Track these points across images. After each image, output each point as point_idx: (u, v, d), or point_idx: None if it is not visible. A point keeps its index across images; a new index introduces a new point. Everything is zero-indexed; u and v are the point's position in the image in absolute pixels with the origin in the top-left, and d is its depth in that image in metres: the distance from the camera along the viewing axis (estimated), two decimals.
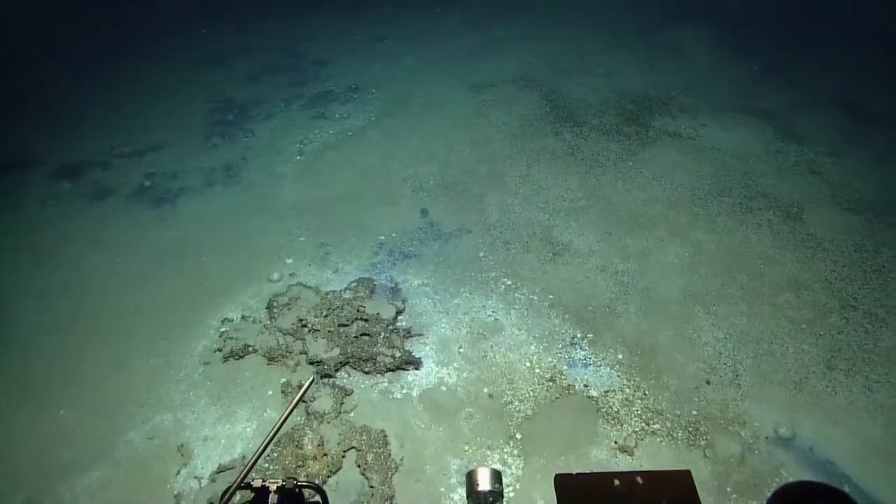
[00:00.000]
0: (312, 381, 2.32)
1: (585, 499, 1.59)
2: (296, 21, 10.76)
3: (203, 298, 4.77)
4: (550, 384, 4.02)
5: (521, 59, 8.65)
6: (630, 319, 4.51)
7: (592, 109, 7.32)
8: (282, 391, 3.97)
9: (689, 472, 1.64)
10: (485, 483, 1.56)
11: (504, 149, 6.57)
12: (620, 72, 8.28)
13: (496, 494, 1.56)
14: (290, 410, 1.64)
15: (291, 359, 4.16)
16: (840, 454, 3.60)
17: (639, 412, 3.84)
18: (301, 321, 4.35)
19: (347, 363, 4.11)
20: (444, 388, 4.01)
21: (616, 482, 1.61)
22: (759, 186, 5.90)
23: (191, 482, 3.49)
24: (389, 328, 4.35)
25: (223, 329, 4.46)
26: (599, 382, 4.04)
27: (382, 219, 5.59)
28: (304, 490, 1.62)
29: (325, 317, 4.36)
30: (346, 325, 4.33)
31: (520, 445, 3.65)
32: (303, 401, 3.68)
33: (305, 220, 5.61)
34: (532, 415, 3.83)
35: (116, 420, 3.87)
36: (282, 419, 1.62)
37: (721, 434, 3.71)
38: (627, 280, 4.86)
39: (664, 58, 8.68)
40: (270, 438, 1.58)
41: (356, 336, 4.24)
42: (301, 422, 3.72)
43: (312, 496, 1.69)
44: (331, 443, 3.59)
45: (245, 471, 1.48)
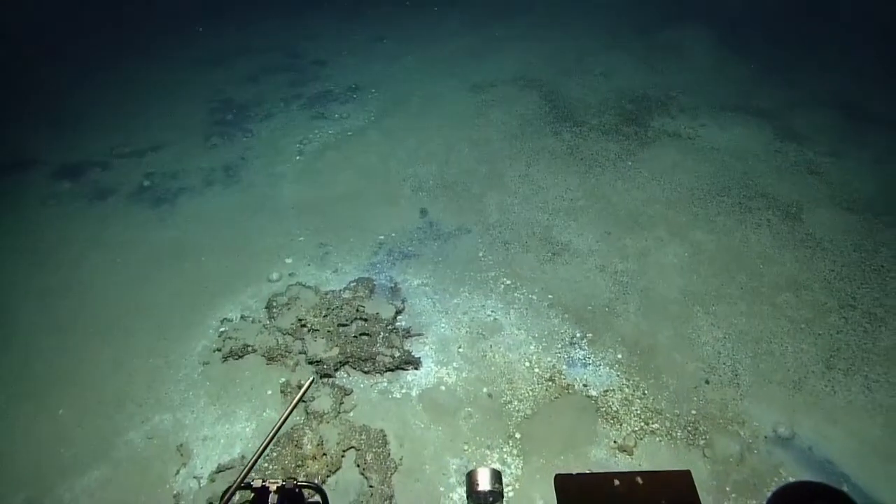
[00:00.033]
0: (312, 381, 2.32)
1: (585, 499, 1.59)
2: (296, 21, 10.76)
3: (202, 298, 4.77)
4: (550, 384, 4.02)
5: (521, 59, 8.65)
6: (629, 319, 4.51)
7: (592, 109, 7.32)
8: (281, 391, 3.98)
9: (689, 473, 1.64)
10: (485, 483, 1.56)
11: (503, 149, 6.58)
12: (620, 72, 8.28)
13: (496, 494, 1.56)
14: (290, 410, 1.65)
15: (291, 358, 4.16)
16: (839, 453, 3.61)
17: (638, 412, 3.85)
18: (300, 321, 4.36)
19: (347, 363, 4.11)
20: (444, 388, 4.02)
21: (616, 482, 1.61)
22: (759, 186, 5.91)
23: (190, 482, 3.49)
24: (389, 328, 4.35)
25: (222, 329, 4.46)
26: (599, 382, 4.04)
27: (382, 219, 5.59)
28: (304, 490, 1.62)
29: (325, 316, 4.37)
30: (346, 325, 4.34)
31: (519, 445, 3.66)
32: (302, 400, 3.68)
33: (305, 220, 5.61)
34: (531, 414, 3.84)
35: (116, 420, 3.87)
36: (282, 419, 1.62)
37: (720, 433, 3.71)
38: (627, 280, 4.86)
39: (663, 58, 8.68)
40: (270, 439, 1.59)
41: (355, 336, 4.25)
42: (300, 421, 3.73)
43: (312, 496, 1.70)
44: (330, 442, 3.60)
45: (245, 471, 1.48)
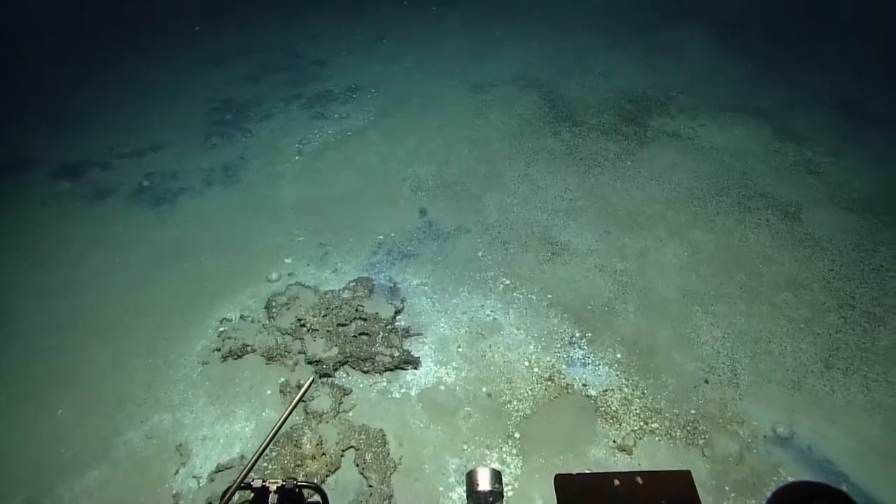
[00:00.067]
0: (312, 382, 2.32)
1: (585, 499, 1.59)
2: (295, 21, 10.76)
3: (202, 298, 4.77)
4: (549, 383, 4.02)
5: (521, 59, 8.65)
6: (628, 319, 4.52)
7: (591, 109, 7.32)
8: (280, 391, 3.98)
9: (689, 473, 1.64)
10: (485, 483, 1.57)
11: (503, 149, 6.58)
12: (619, 72, 8.28)
13: (496, 494, 1.57)
14: (291, 410, 1.65)
15: (290, 358, 4.16)
16: (838, 453, 3.61)
17: (637, 411, 3.85)
18: (300, 321, 4.36)
19: (346, 362, 4.12)
20: (443, 388, 4.02)
21: (616, 482, 1.61)
22: (758, 186, 5.91)
23: (189, 482, 3.49)
24: (388, 328, 4.36)
25: (222, 329, 4.46)
26: (598, 381, 4.05)
27: (381, 218, 5.59)
28: (304, 490, 1.62)
29: (324, 316, 4.37)
30: (345, 325, 4.34)
31: (518, 444, 3.66)
32: (302, 400, 3.68)
33: (304, 220, 5.62)
34: (531, 414, 3.84)
35: (115, 420, 3.87)
36: (282, 419, 1.62)
37: (719, 433, 3.72)
38: (626, 279, 4.86)
39: (663, 58, 8.69)
40: (270, 439, 1.59)
41: (355, 335, 4.25)
42: (300, 421, 3.73)
43: (312, 496, 1.70)
44: (329, 442, 3.60)
45: (245, 471, 1.48)
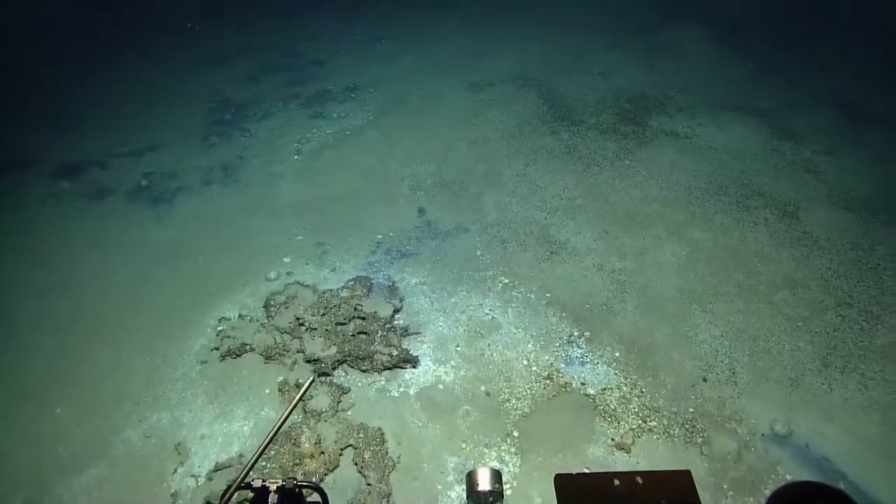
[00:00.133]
0: (312, 381, 2.32)
1: (585, 499, 1.60)
2: (295, 21, 10.77)
3: (201, 297, 4.78)
4: (547, 382, 4.03)
5: (520, 59, 8.66)
6: (627, 317, 4.52)
7: (590, 109, 7.33)
8: (279, 390, 3.98)
9: (689, 473, 1.64)
10: (485, 483, 1.57)
11: (502, 148, 6.58)
12: (618, 71, 8.29)
13: (496, 494, 1.57)
14: (290, 410, 1.65)
15: (289, 357, 4.17)
16: (836, 451, 3.62)
17: (636, 410, 3.85)
18: (298, 320, 4.36)
19: (345, 361, 4.12)
20: (442, 387, 4.02)
21: (616, 482, 1.61)
22: (756, 185, 5.92)
23: (188, 480, 3.50)
24: (387, 326, 4.36)
25: (220, 328, 4.47)
26: (596, 380, 4.05)
27: (380, 218, 5.60)
28: (304, 489, 1.63)
29: (323, 315, 4.38)
30: (344, 324, 4.34)
31: (517, 443, 3.66)
32: (301, 400, 3.68)
33: (303, 220, 5.62)
34: (529, 413, 3.84)
35: (114, 419, 3.88)
36: (282, 419, 1.62)
37: (718, 431, 3.72)
38: (624, 278, 4.87)
39: (663, 58, 8.69)
40: (270, 439, 1.59)
41: (353, 334, 4.25)
42: (298, 420, 3.73)
43: (312, 495, 1.70)
44: (328, 441, 3.61)
45: (245, 471, 1.49)
